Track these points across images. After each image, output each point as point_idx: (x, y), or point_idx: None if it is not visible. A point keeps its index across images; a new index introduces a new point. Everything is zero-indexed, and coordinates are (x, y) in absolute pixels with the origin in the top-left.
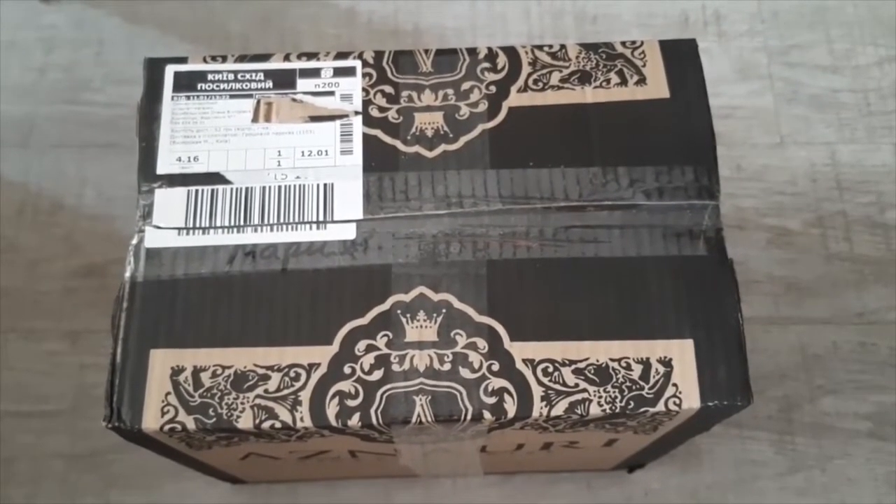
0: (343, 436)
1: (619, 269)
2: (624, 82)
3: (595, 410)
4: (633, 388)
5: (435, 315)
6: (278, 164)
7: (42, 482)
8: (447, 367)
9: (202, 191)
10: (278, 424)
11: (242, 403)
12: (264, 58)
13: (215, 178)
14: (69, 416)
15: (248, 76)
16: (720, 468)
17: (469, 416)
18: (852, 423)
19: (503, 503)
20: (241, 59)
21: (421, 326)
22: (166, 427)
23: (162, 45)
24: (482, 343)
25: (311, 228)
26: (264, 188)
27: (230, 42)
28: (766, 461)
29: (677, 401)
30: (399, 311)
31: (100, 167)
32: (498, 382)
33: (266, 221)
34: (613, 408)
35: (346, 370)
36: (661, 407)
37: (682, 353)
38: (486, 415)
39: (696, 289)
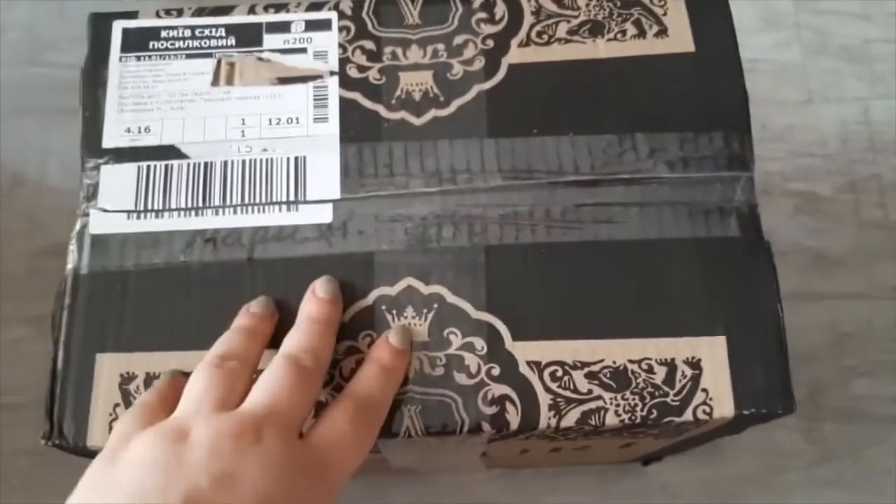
0: None
1: (639, 254)
2: (642, 34)
3: (612, 420)
4: (656, 394)
5: (425, 311)
6: (242, 134)
7: (7, 480)
8: (440, 371)
9: (154, 167)
10: None
11: None
12: (226, 11)
13: (170, 152)
14: (35, 409)
15: (206, 32)
16: (743, 459)
17: (465, 429)
18: (887, 407)
19: (508, 501)
20: (200, 12)
21: (409, 325)
22: None
23: (129, 2)
24: (480, 343)
25: (280, 210)
26: (226, 163)
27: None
28: (792, 451)
29: (707, 409)
30: (384, 307)
31: (64, 135)
32: (499, 389)
33: (228, 202)
34: (633, 417)
35: None
36: (688, 416)
37: (712, 352)
38: (486, 427)
39: (728, 276)
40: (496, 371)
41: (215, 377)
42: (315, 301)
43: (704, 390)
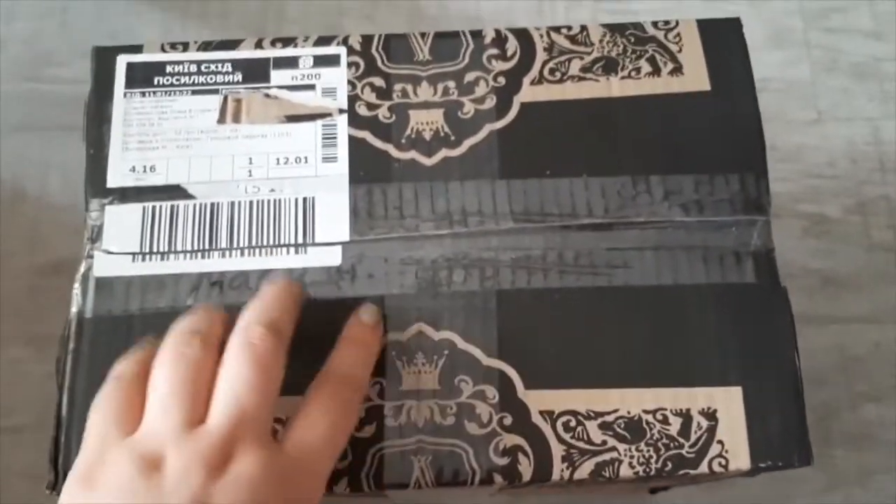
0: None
1: (653, 301)
2: (656, 71)
3: (626, 472)
4: (671, 446)
5: (436, 358)
6: (249, 173)
7: (5, 503)
8: (450, 420)
9: (160, 207)
10: None
11: None
12: (232, 45)
13: (175, 192)
14: (34, 431)
15: (213, 67)
16: (751, 485)
17: (477, 480)
18: None
19: None
20: (206, 46)
21: (419, 372)
22: None
23: (132, 14)
24: (492, 392)
25: (288, 253)
26: (233, 203)
27: (207, 8)
28: (801, 477)
29: (723, 461)
30: (393, 353)
31: (65, 151)
32: (511, 439)
33: (235, 245)
34: (648, 469)
35: None
36: (704, 468)
37: (728, 403)
38: (497, 478)
39: (744, 324)
40: (508, 421)
41: (180, 371)
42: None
43: (720, 442)
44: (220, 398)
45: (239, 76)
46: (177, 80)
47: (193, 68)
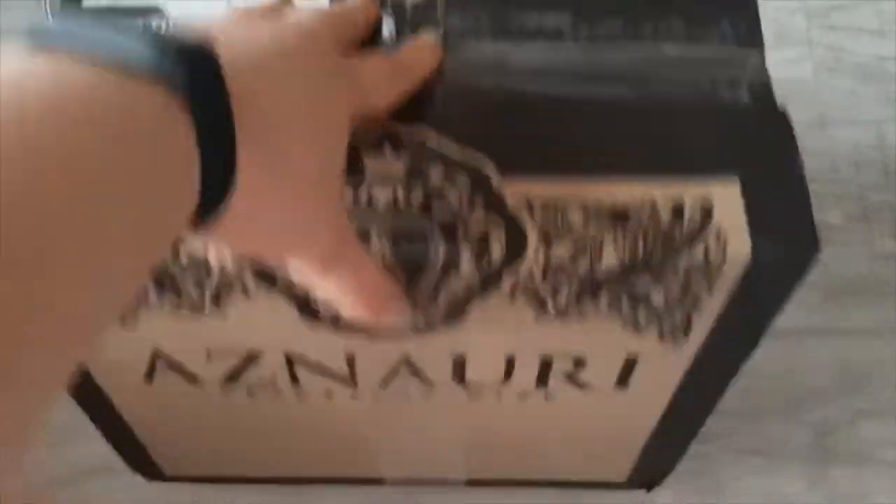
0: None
1: (646, 103)
2: None
3: (609, 258)
4: (661, 230)
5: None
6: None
7: None
8: (416, 203)
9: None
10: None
11: None
12: None
13: (152, 15)
14: None
15: None
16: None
17: (441, 259)
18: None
19: None
20: None
21: (385, 159)
22: None
23: None
24: (464, 180)
25: None
26: None
27: None
28: (797, 496)
29: (719, 246)
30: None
31: None
32: (483, 224)
33: None
34: (634, 254)
35: None
36: (698, 254)
37: (725, 195)
38: (465, 258)
39: (743, 129)
40: (480, 207)
41: None
42: None
43: (716, 227)
44: None
45: None
46: None
47: None
